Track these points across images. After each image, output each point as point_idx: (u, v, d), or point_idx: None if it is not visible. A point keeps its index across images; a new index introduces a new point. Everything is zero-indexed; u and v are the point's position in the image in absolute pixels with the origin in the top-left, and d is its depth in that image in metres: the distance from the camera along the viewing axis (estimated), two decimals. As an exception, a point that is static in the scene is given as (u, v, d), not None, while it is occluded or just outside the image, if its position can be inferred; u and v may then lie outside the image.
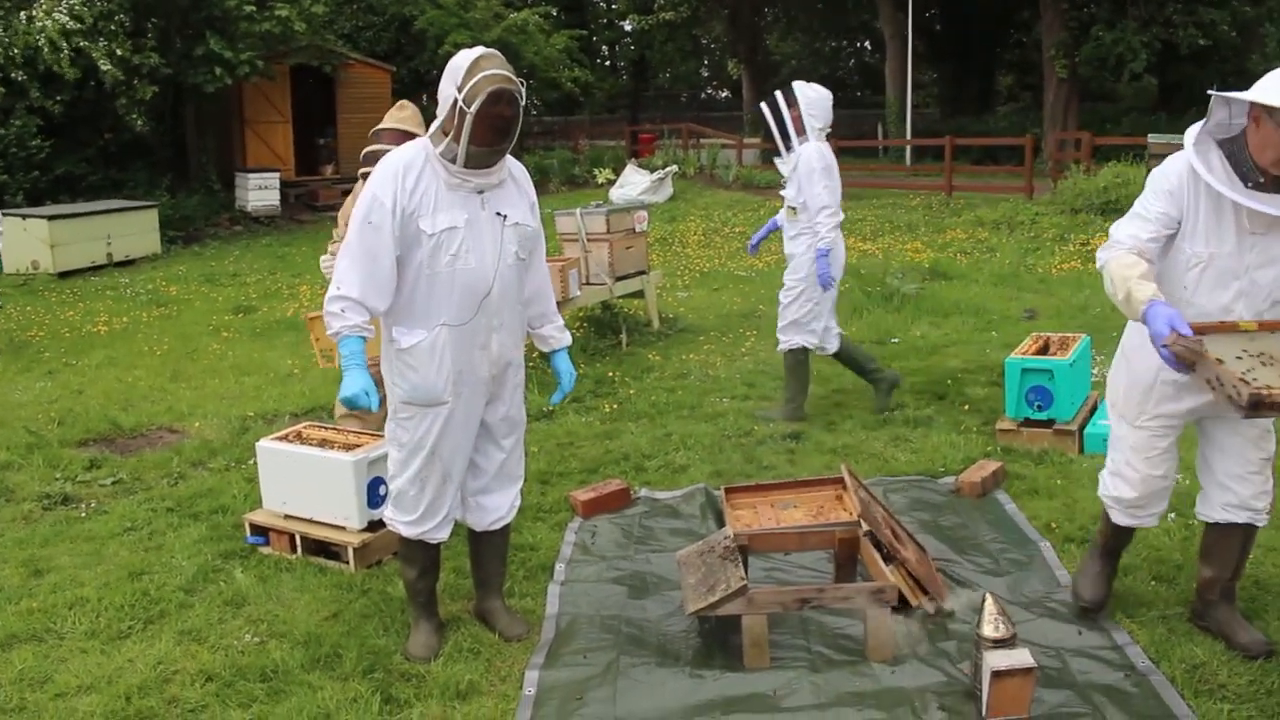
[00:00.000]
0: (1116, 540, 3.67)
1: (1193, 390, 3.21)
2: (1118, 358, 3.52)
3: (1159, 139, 13.71)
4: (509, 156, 3.50)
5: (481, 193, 3.35)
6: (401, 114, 5.06)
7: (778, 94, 5.90)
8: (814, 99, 5.84)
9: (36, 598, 4.09)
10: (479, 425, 3.54)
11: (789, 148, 5.87)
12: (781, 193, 6.10)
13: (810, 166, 5.76)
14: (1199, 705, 3.12)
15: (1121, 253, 3.13)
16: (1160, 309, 2.93)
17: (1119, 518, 3.56)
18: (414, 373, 3.40)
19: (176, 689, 3.41)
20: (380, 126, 5.01)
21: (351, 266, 3.30)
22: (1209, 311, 3.15)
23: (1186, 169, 3.14)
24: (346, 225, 4.75)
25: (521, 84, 3.29)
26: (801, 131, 5.83)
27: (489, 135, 3.26)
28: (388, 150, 4.73)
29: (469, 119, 3.20)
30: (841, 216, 5.87)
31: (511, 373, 3.55)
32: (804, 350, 6.05)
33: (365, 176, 4.81)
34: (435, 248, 3.29)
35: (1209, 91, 3.22)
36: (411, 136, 4.82)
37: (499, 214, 3.37)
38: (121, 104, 15.63)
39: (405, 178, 3.29)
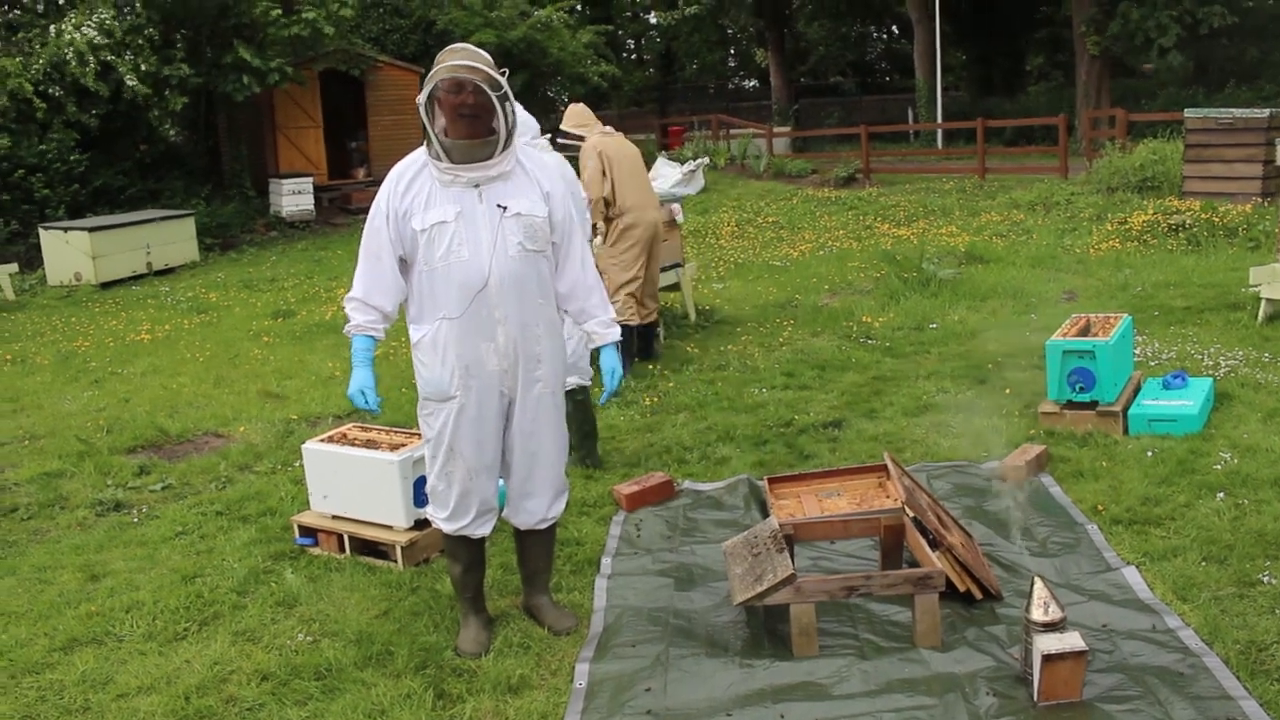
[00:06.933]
0: None
1: None
2: None
3: (1195, 113, 13.47)
4: (527, 148, 3.55)
5: (478, 186, 3.38)
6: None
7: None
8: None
9: (95, 602, 4.18)
10: (503, 423, 3.55)
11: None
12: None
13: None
14: (1255, 686, 3.09)
15: None
16: None
17: None
18: (424, 367, 3.50)
19: (234, 688, 3.47)
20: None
21: (360, 268, 3.50)
22: None
23: None
24: None
25: (501, 73, 3.30)
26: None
27: (458, 126, 3.31)
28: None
29: (430, 112, 3.30)
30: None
31: (527, 367, 3.50)
32: (582, 390, 5.20)
33: None
34: (428, 243, 3.38)
35: None
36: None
37: (499, 206, 3.39)
38: (154, 115, 15.87)
39: (400, 181, 3.43)
